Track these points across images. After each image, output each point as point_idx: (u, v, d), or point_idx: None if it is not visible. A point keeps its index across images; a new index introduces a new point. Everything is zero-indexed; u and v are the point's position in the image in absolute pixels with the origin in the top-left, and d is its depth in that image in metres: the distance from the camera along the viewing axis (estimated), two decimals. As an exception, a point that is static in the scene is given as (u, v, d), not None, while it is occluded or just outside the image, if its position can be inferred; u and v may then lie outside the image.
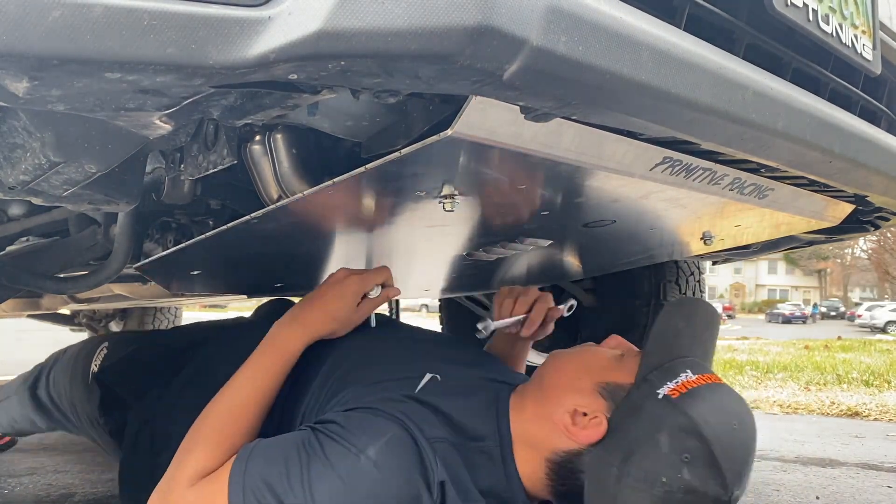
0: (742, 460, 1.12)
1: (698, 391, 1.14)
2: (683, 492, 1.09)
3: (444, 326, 3.09)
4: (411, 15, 0.68)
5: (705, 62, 0.93)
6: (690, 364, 1.18)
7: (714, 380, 1.17)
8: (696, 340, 1.25)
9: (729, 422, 1.12)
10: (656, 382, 1.15)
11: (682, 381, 1.14)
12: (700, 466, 1.09)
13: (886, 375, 4.98)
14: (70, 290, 1.62)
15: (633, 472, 1.11)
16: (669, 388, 1.14)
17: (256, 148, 1.10)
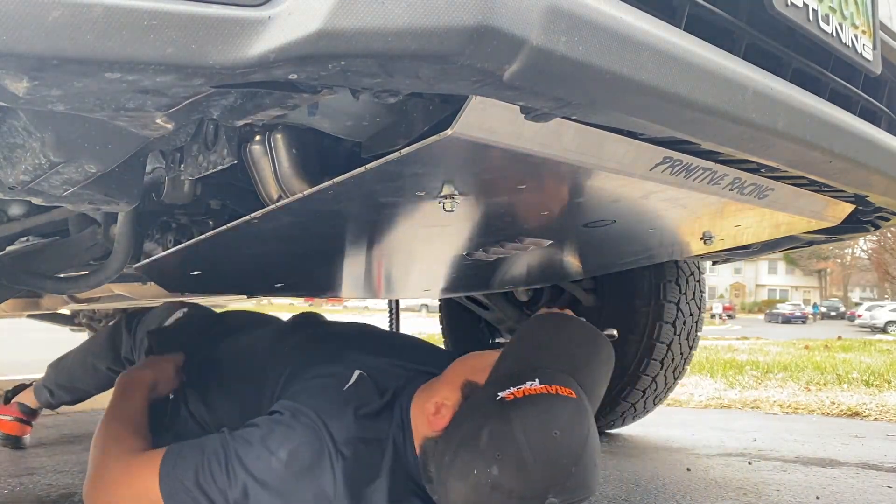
0: (560, 468, 1.16)
1: (533, 398, 1.20)
2: (490, 487, 1.16)
3: (445, 326, 3.09)
4: (411, 15, 0.68)
5: (705, 62, 0.93)
6: (542, 374, 1.24)
7: (561, 391, 1.22)
8: (563, 354, 1.33)
9: (550, 430, 1.17)
10: (500, 385, 1.24)
11: (524, 388, 1.21)
12: (509, 466, 1.15)
13: (886, 375, 4.98)
14: (70, 290, 1.62)
15: (456, 462, 1.21)
16: (509, 392, 1.22)
17: (256, 148, 1.10)
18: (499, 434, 1.18)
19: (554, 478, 1.16)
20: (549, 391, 1.22)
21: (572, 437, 1.19)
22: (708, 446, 2.56)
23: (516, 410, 1.19)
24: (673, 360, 2.52)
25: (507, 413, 1.19)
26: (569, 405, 1.22)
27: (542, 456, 1.16)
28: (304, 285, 1.94)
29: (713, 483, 1.97)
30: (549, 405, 1.20)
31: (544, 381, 1.23)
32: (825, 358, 6.85)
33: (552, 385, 1.23)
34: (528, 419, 1.18)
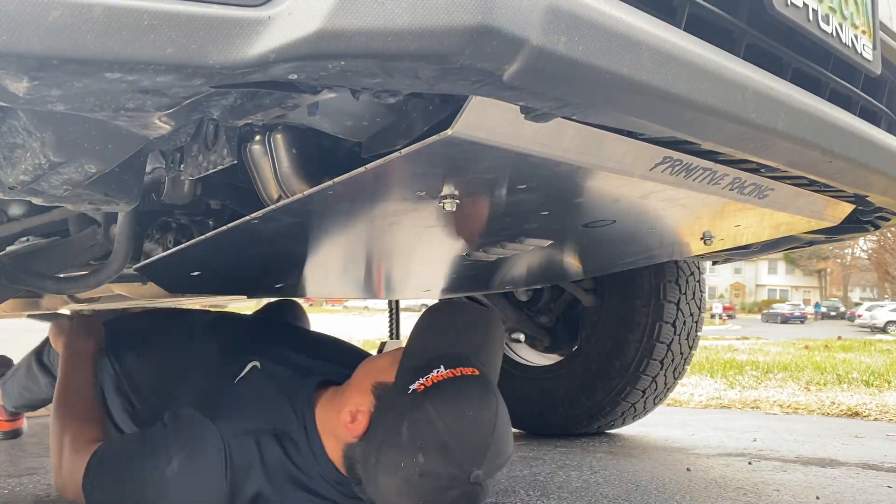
0: (478, 442, 1.26)
1: (442, 384, 1.29)
2: (419, 475, 1.25)
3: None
4: (411, 15, 0.68)
5: (705, 62, 0.93)
6: (445, 360, 1.33)
7: (466, 372, 1.32)
8: (460, 337, 1.42)
9: (463, 410, 1.27)
10: (409, 379, 1.32)
11: (431, 377, 1.30)
12: (433, 451, 1.25)
13: (886, 375, 4.97)
14: (70, 290, 1.62)
15: (383, 459, 1.29)
16: (419, 383, 1.30)
17: (256, 148, 1.10)
18: (417, 424, 1.27)
19: (476, 452, 1.25)
20: (454, 374, 1.31)
21: (484, 411, 1.28)
22: (708, 446, 2.56)
23: (429, 399, 1.28)
24: (673, 360, 2.52)
25: (421, 403, 1.28)
26: (475, 383, 1.31)
27: (460, 435, 1.25)
28: (304, 285, 1.94)
29: (713, 483, 1.97)
30: (457, 387, 1.29)
31: (449, 367, 1.32)
32: (825, 358, 6.85)
33: (457, 368, 1.32)
34: (440, 404, 1.27)
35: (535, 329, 2.75)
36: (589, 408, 2.58)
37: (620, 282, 2.47)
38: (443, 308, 1.54)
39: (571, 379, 2.58)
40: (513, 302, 2.75)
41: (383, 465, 1.29)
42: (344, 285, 2.05)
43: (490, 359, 1.43)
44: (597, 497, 1.80)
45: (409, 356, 1.39)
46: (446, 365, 1.32)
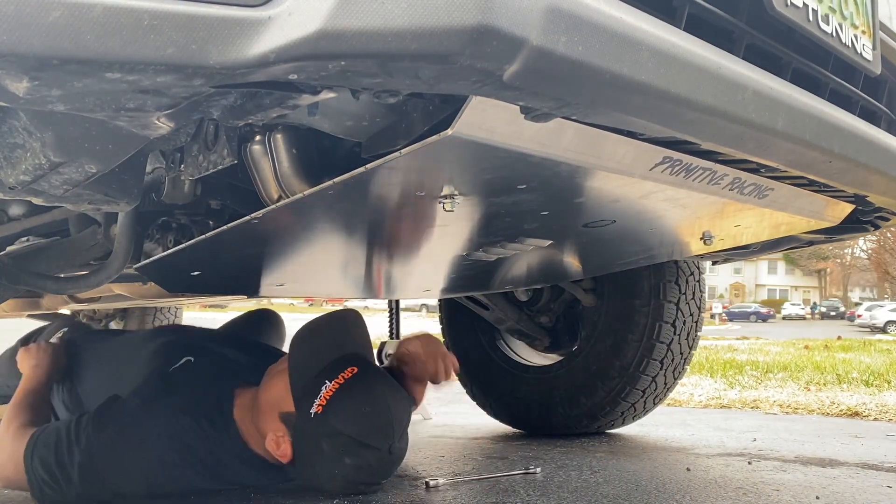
0: (384, 425, 1.54)
1: (333, 398, 1.51)
2: (355, 472, 1.56)
3: (444, 326, 3.09)
4: (411, 15, 0.68)
5: (705, 62, 0.93)
6: (326, 373, 1.55)
7: (346, 375, 1.53)
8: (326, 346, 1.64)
9: (360, 408, 1.52)
10: (307, 404, 1.53)
11: (323, 394, 1.52)
12: (354, 449, 1.52)
13: (886, 375, 4.97)
14: (70, 290, 1.62)
15: (319, 473, 1.57)
16: (316, 405, 1.52)
17: (256, 148, 1.10)
18: (332, 438, 1.52)
19: (385, 432, 1.54)
20: (339, 383, 1.53)
21: (376, 400, 1.54)
22: (708, 446, 2.56)
23: (329, 415, 1.51)
24: (673, 360, 2.52)
25: (326, 421, 1.51)
26: (357, 381, 1.54)
27: (368, 429, 1.52)
28: (304, 285, 1.94)
29: (713, 483, 1.97)
30: (346, 395, 1.52)
31: (331, 378, 1.54)
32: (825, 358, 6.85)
33: (338, 376, 1.54)
34: (341, 416, 1.51)
35: (535, 329, 2.75)
36: (589, 408, 2.58)
37: (620, 282, 2.47)
38: (301, 331, 1.73)
39: (571, 379, 2.58)
40: (513, 302, 2.75)
41: (323, 476, 1.57)
42: (344, 285, 2.05)
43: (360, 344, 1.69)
44: (597, 497, 1.80)
45: (295, 382, 1.59)
46: (329, 378, 1.54)
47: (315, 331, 1.71)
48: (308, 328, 1.71)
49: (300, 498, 1.79)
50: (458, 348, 3.01)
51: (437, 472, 2.10)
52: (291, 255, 1.57)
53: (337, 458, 1.53)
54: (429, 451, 2.47)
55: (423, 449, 2.53)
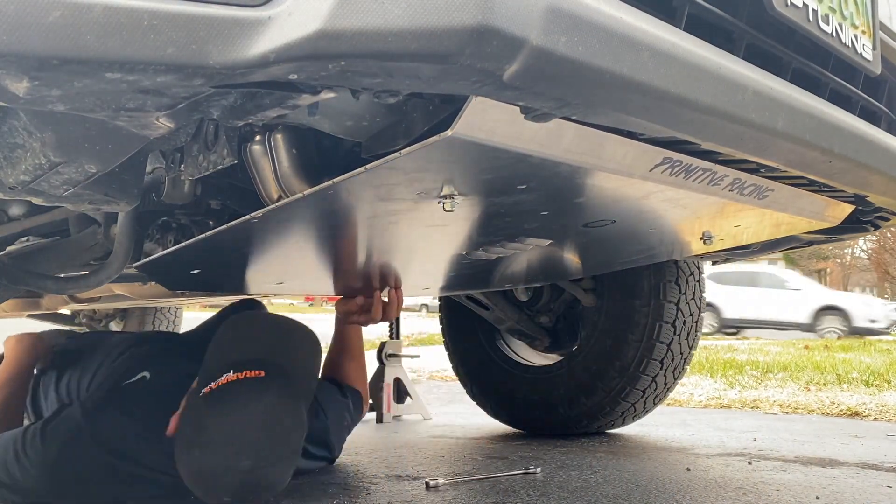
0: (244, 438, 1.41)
1: (224, 387, 1.45)
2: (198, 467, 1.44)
3: (444, 326, 3.09)
4: (411, 15, 0.68)
5: (705, 62, 0.93)
6: (237, 364, 1.48)
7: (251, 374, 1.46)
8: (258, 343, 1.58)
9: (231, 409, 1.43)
10: (204, 384, 1.49)
11: (219, 381, 1.46)
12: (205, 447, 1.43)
13: (886, 375, 4.97)
14: (70, 289, 1.62)
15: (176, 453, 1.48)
16: (209, 387, 1.46)
17: (256, 148, 1.10)
18: (195, 424, 1.46)
19: (242, 446, 1.41)
20: (238, 378, 1.46)
21: (253, 411, 1.43)
22: (708, 446, 2.56)
23: (208, 402, 1.46)
24: (673, 360, 2.52)
25: (202, 405, 1.46)
26: (254, 385, 1.46)
27: (226, 432, 1.42)
28: (303, 284, 1.94)
29: (713, 483, 1.97)
30: (235, 390, 1.45)
31: (237, 371, 1.47)
32: (825, 358, 6.84)
33: (242, 372, 1.47)
34: (214, 406, 1.45)
35: (535, 329, 2.75)
36: (589, 408, 2.58)
37: (620, 281, 2.47)
38: (243, 318, 1.70)
39: (571, 379, 2.58)
40: (513, 302, 2.75)
41: (177, 458, 1.49)
42: (344, 283, 2.05)
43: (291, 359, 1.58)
44: (597, 497, 1.80)
45: (209, 362, 1.56)
46: (235, 369, 1.47)
47: (263, 324, 1.68)
48: (261, 319, 1.70)
49: (299, 498, 1.80)
50: (458, 348, 3.01)
51: (437, 472, 2.10)
52: (291, 255, 1.57)
53: (190, 446, 1.45)
54: (429, 451, 2.47)
55: (423, 449, 2.53)
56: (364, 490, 1.88)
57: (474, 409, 3.02)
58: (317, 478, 2.03)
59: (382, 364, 3.41)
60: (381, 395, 3.33)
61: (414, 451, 2.48)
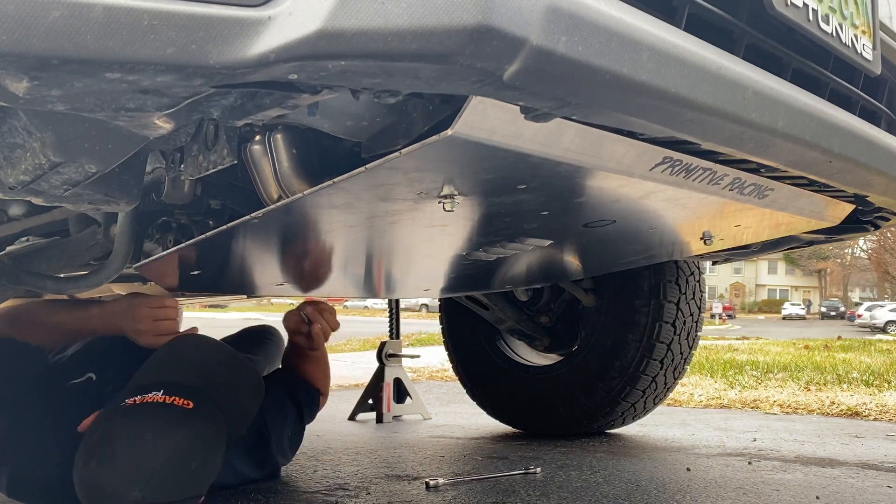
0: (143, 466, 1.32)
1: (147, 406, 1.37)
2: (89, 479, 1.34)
3: (444, 326, 3.09)
4: (411, 15, 0.68)
5: (705, 62, 0.93)
6: (169, 386, 1.40)
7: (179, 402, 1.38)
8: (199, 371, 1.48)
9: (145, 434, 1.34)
10: (131, 394, 1.41)
11: (146, 397, 1.38)
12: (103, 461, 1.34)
13: (886, 375, 4.97)
14: (70, 290, 1.62)
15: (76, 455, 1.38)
16: (132, 399, 1.38)
17: (256, 148, 1.10)
18: (105, 433, 1.37)
19: (138, 474, 1.31)
20: (164, 400, 1.37)
21: (164, 440, 1.34)
22: (708, 446, 2.56)
23: (127, 415, 1.37)
24: (673, 360, 2.52)
25: (119, 417, 1.38)
26: (175, 414, 1.37)
27: (130, 456, 1.33)
28: (303, 284, 1.94)
29: (713, 483, 1.97)
30: (156, 412, 1.37)
31: (166, 392, 1.39)
32: (825, 358, 6.85)
33: (171, 396, 1.38)
34: (130, 422, 1.36)
35: (535, 329, 2.75)
36: (589, 408, 2.58)
37: (620, 282, 2.47)
38: (192, 339, 1.63)
39: (571, 379, 2.58)
40: (513, 302, 2.75)
41: (75, 462, 1.39)
42: (344, 284, 2.05)
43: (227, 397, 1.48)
44: (597, 497, 1.80)
45: (142, 374, 1.49)
46: (165, 391, 1.39)
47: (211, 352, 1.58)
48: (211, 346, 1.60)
49: (299, 498, 1.80)
50: (458, 348, 3.01)
51: (437, 472, 2.10)
52: (291, 255, 1.57)
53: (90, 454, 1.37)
54: (429, 451, 2.48)
55: (423, 449, 2.53)
56: (364, 490, 1.88)
57: (474, 409, 3.02)
58: (317, 477, 2.03)
59: (382, 364, 3.41)
60: (381, 395, 3.34)
61: (414, 451, 2.48)
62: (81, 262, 1.66)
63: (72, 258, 1.62)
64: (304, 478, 2.04)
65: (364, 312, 30.59)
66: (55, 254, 1.62)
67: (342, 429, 3.06)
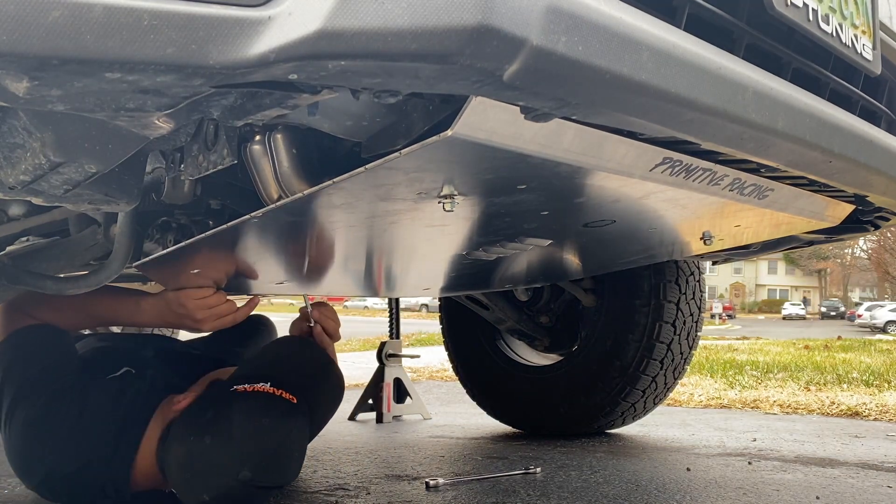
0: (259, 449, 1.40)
1: (259, 394, 1.45)
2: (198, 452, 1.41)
3: (444, 326, 3.09)
4: (411, 15, 0.68)
5: (705, 62, 0.93)
6: (276, 380, 1.49)
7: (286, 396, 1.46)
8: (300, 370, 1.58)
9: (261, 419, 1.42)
10: (239, 382, 1.48)
11: (255, 386, 1.46)
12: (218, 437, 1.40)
13: (886, 375, 4.97)
14: (70, 290, 1.62)
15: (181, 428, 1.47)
16: (243, 387, 1.46)
17: (256, 148, 1.10)
18: (220, 413, 1.43)
19: (252, 456, 1.39)
20: (274, 392, 1.46)
21: (277, 428, 1.43)
22: (708, 446, 2.56)
23: (240, 400, 1.44)
24: (673, 360, 2.52)
25: (234, 399, 1.44)
26: (286, 406, 1.45)
27: (246, 436, 1.40)
28: (304, 284, 1.94)
29: (713, 483, 1.97)
30: (268, 401, 1.45)
31: (274, 385, 1.47)
32: (825, 358, 6.85)
33: (279, 389, 1.47)
34: (245, 407, 1.43)
35: (535, 329, 2.75)
36: (589, 408, 2.58)
37: (620, 282, 2.47)
38: (296, 342, 1.72)
39: (571, 379, 2.58)
40: (513, 302, 2.75)
41: (179, 433, 1.47)
42: (344, 283, 2.05)
43: (317, 400, 1.58)
44: (597, 497, 1.81)
45: (248, 365, 1.57)
46: (273, 383, 1.47)
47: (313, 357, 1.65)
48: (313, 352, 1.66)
49: (298, 498, 1.80)
50: (458, 348, 3.01)
51: (437, 472, 2.10)
52: (291, 254, 1.57)
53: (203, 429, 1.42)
54: (429, 451, 2.48)
55: (423, 449, 2.53)
56: (364, 490, 1.88)
57: (474, 409, 3.02)
58: (317, 477, 2.03)
59: (382, 364, 3.41)
60: (381, 395, 3.34)
61: (414, 451, 2.48)
62: (81, 262, 1.66)
63: (72, 258, 1.62)
64: (304, 478, 2.04)
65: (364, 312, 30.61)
66: (55, 254, 1.62)
67: (342, 429, 3.06)
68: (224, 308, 1.64)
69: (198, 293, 1.61)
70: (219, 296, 1.63)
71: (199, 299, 1.61)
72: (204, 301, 1.62)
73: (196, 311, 1.61)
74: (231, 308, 1.66)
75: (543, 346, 2.78)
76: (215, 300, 1.63)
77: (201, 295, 1.61)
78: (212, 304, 1.63)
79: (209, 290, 1.61)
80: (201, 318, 1.63)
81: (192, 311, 1.61)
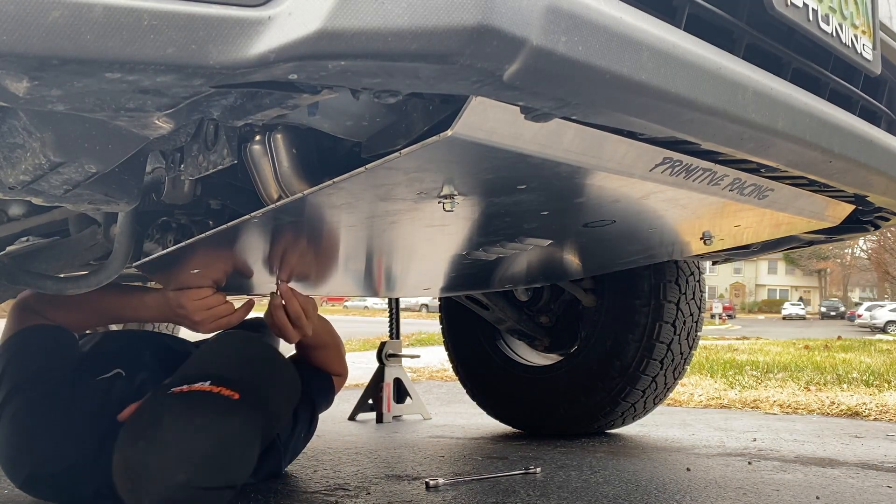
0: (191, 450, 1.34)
1: (196, 394, 1.40)
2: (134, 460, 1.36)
3: (444, 326, 3.09)
4: (411, 15, 0.68)
5: (705, 62, 0.93)
6: (216, 378, 1.43)
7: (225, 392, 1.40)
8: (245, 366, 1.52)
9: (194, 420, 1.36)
10: (178, 383, 1.44)
11: (193, 387, 1.41)
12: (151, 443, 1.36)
13: (886, 375, 4.97)
14: (70, 289, 1.62)
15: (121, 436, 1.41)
16: (181, 388, 1.41)
17: (256, 148, 1.10)
18: (153, 416, 1.40)
19: (187, 457, 1.33)
20: (212, 390, 1.40)
21: (211, 427, 1.36)
22: (708, 446, 2.56)
23: (176, 400, 1.40)
24: (673, 360, 2.52)
25: (169, 402, 1.40)
26: (224, 404, 1.39)
27: (179, 438, 1.34)
28: (304, 284, 1.94)
29: (713, 483, 1.97)
30: (205, 401, 1.39)
31: (214, 383, 1.42)
32: (825, 358, 6.84)
33: (219, 387, 1.41)
34: (180, 408, 1.38)
35: (535, 329, 2.75)
36: (589, 408, 2.58)
37: (620, 282, 2.47)
38: (238, 337, 1.64)
39: (571, 379, 2.58)
40: (513, 302, 2.75)
41: (119, 442, 1.42)
42: (344, 283, 2.05)
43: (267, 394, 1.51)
44: (597, 497, 1.81)
45: (190, 365, 1.51)
46: (213, 382, 1.42)
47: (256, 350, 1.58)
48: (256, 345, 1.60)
49: (299, 498, 1.80)
50: (458, 348, 3.01)
51: (437, 472, 2.10)
52: (291, 254, 1.57)
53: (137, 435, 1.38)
54: (429, 451, 2.48)
55: (423, 449, 2.53)
56: (364, 490, 1.88)
57: (474, 409, 3.02)
58: (317, 477, 2.03)
59: (382, 364, 3.41)
60: (381, 395, 3.34)
61: (414, 451, 2.48)
62: (81, 262, 1.66)
63: (72, 258, 1.62)
64: (304, 478, 2.04)
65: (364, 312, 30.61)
66: (55, 254, 1.62)
67: (342, 429, 3.06)
68: (223, 309, 1.63)
69: (197, 293, 1.60)
70: (218, 296, 1.63)
71: (198, 300, 1.60)
72: (203, 301, 1.61)
73: (195, 311, 1.61)
74: (229, 309, 1.65)
75: (543, 346, 2.78)
76: (214, 301, 1.62)
77: (201, 295, 1.60)
78: (211, 305, 1.62)
79: (209, 291, 1.61)
80: (200, 320, 1.63)
81: (191, 312, 1.61)
